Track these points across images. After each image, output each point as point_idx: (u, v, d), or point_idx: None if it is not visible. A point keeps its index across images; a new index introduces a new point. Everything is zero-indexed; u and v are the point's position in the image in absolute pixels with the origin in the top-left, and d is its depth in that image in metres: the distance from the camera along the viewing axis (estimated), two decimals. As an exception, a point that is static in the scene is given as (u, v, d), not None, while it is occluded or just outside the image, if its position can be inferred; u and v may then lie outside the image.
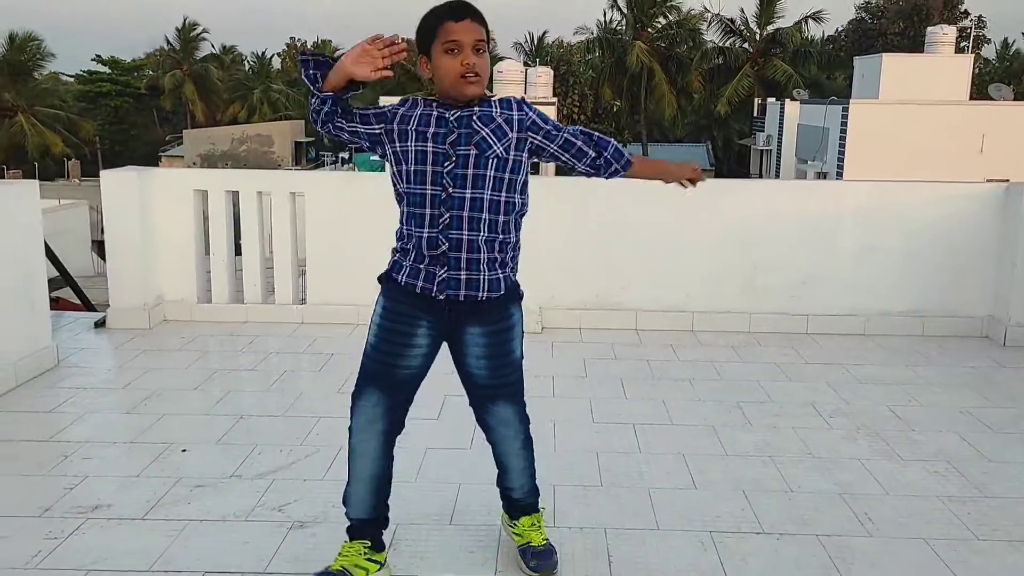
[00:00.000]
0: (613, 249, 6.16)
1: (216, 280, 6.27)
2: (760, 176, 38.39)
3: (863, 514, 3.45)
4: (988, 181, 21.99)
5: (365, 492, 2.85)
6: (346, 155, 37.90)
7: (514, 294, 2.80)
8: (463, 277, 2.66)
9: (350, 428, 2.80)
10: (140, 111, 59.84)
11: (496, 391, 2.84)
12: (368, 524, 2.90)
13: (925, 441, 4.21)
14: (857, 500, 3.58)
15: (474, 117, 2.62)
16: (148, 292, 6.06)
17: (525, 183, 2.75)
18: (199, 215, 6.22)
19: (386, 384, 2.76)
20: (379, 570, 2.89)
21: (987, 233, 6.05)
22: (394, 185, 2.74)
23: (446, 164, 2.60)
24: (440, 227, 2.64)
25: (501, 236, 2.69)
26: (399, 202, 2.74)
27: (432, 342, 2.78)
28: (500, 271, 2.72)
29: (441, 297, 2.68)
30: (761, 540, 3.24)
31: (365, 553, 2.87)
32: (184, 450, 3.98)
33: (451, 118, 2.62)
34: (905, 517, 3.44)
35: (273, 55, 63.98)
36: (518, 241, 2.80)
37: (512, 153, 2.65)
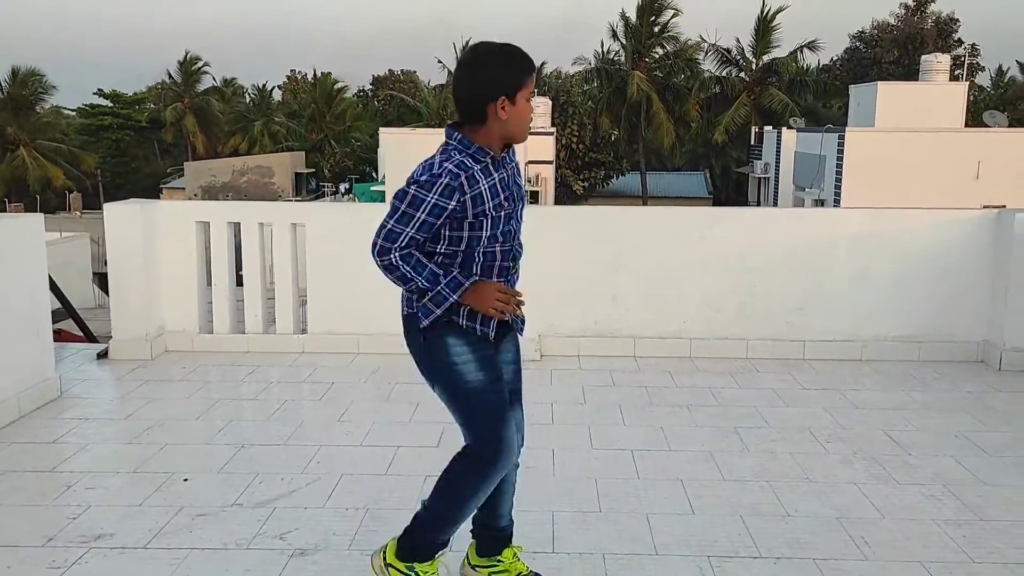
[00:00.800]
0: (612, 277, 6.23)
1: (218, 310, 6.32)
2: (759, 204, 38.61)
3: (859, 538, 3.48)
4: (985, 207, 22.08)
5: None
6: (346, 185, 38.12)
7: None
8: None
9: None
10: (141, 144, 60.25)
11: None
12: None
13: (921, 465, 4.25)
14: (853, 524, 3.61)
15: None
16: (150, 323, 6.11)
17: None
18: (201, 246, 6.29)
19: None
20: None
21: (980, 259, 6.11)
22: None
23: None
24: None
25: None
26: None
27: None
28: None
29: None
30: (758, 564, 3.27)
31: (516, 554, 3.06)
32: (186, 479, 4.02)
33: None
34: (901, 540, 3.47)
35: (274, 87, 64.55)
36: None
37: None
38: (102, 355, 6.06)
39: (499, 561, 3.05)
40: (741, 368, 5.96)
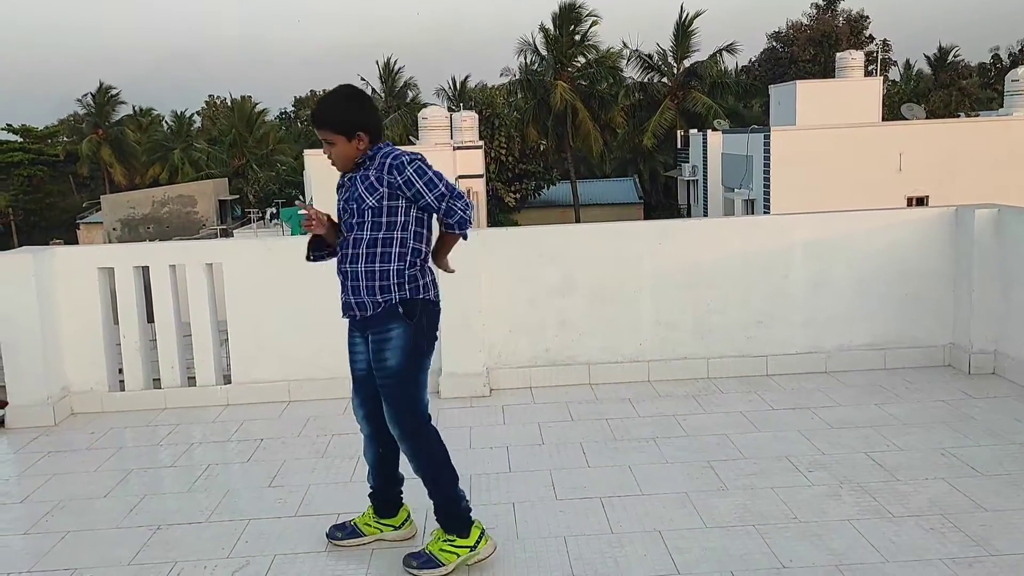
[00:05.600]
0: (561, 301, 5.80)
1: (128, 365, 5.69)
2: (688, 206, 38.84)
3: (866, 589, 3.10)
4: (909, 199, 22.42)
5: (370, 467, 3.62)
6: (273, 210, 37.14)
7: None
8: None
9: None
10: (56, 179, 57.98)
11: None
12: (373, 494, 3.63)
13: (913, 492, 3.90)
14: (855, 572, 3.24)
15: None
16: (52, 384, 5.46)
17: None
18: (106, 295, 5.66)
19: None
20: (390, 531, 3.65)
21: (941, 259, 5.86)
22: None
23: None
24: None
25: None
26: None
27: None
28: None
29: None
30: (761, 634, 2.86)
31: (373, 517, 3.64)
32: (90, 577, 3.44)
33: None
34: (911, 589, 3.10)
35: (193, 114, 62.91)
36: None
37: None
38: (-2, 424, 5.39)
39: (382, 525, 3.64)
40: (704, 390, 5.59)
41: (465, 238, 3.43)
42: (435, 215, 3.34)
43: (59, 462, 4.79)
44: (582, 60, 43.36)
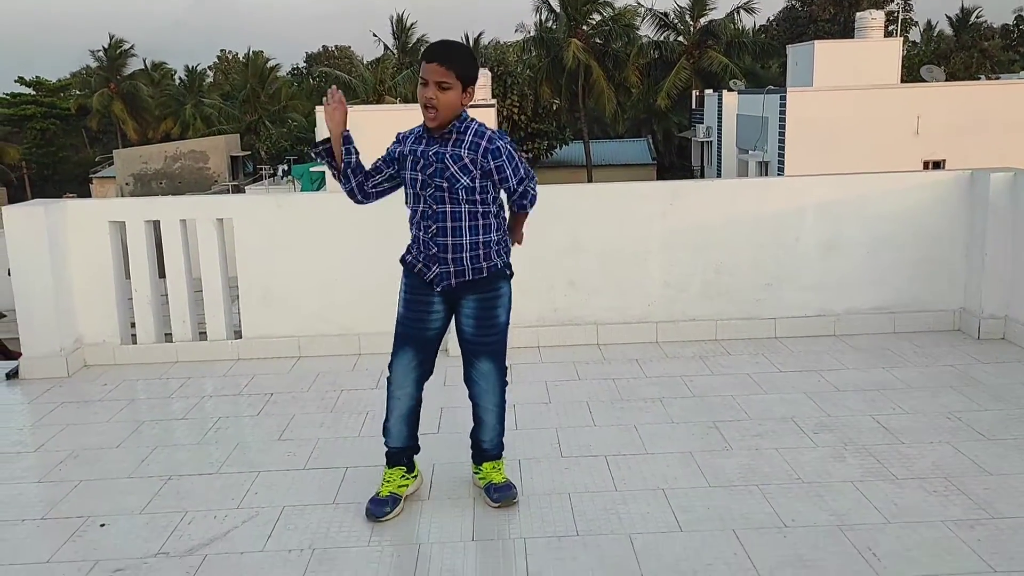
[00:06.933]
0: (570, 261, 5.80)
1: (140, 319, 5.74)
2: (702, 168, 38.55)
3: (867, 549, 3.13)
4: (925, 162, 22.15)
5: (402, 425, 3.53)
6: (284, 167, 37.06)
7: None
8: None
9: (389, 378, 3.49)
10: (68, 133, 57.98)
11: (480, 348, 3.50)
12: (404, 451, 3.57)
13: (917, 455, 3.92)
14: (857, 532, 3.26)
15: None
16: (65, 336, 5.52)
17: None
18: (118, 248, 5.70)
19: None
20: (414, 481, 3.65)
21: (954, 223, 5.81)
22: None
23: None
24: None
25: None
26: None
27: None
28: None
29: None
30: (761, 591, 2.90)
31: (404, 475, 3.58)
32: (103, 524, 3.51)
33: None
34: (911, 549, 3.13)
35: (205, 68, 62.57)
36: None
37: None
38: (12, 375, 5.45)
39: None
40: (711, 351, 5.60)
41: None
42: (509, 194, 3.47)
43: (72, 413, 4.86)
44: (597, 18, 42.82)
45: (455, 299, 3.45)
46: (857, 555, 3.09)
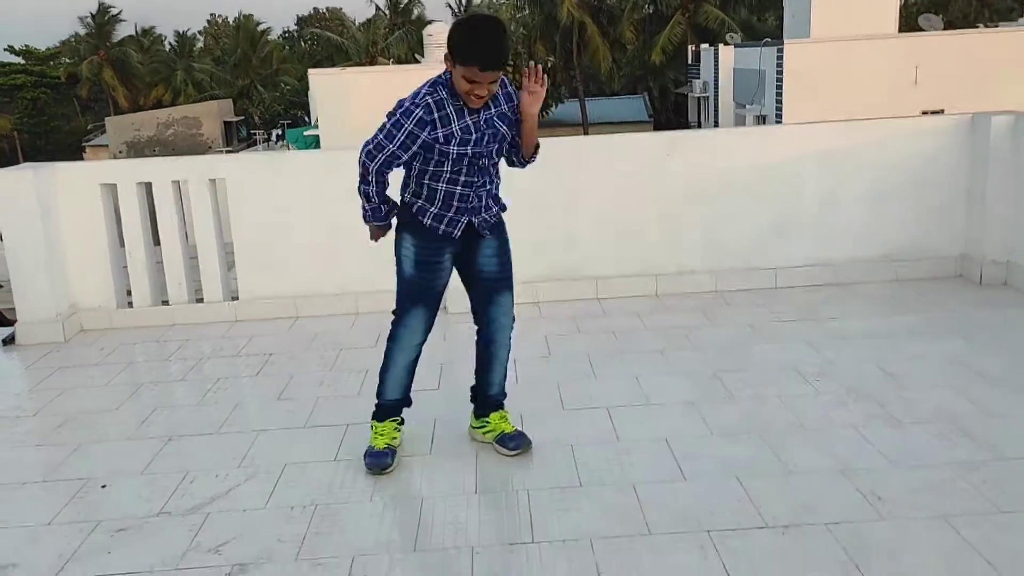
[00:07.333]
0: (568, 215, 5.74)
1: (136, 282, 5.69)
2: (699, 124, 38.24)
3: (870, 493, 3.11)
4: (925, 112, 21.99)
5: (405, 375, 3.55)
6: (279, 132, 36.78)
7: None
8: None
9: (395, 334, 3.49)
10: (59, 101, 57.42)
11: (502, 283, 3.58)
12: (400, 403, 3.60)
13: (921, 400, 3.90)
14: (860, 476, 3.24)
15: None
16: (60, 301, 5.47)
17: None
18: (110, 212, 5.63)
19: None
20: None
21: (955, 169, 5.74)
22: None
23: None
24: None
25: None
26: None
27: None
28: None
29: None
30: (765, 537, 2.89)
31: (396, 427, 3.60)
32: (104, 486, 3.49)
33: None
34: (916, 492, 3.11)
35: (195, 33, 61.82)
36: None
37: None
38: (8, 341, 5.42)
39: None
40: (712, 303, 5.56)
41: None
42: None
43: (70, 377, 4.83)
44: (591, -28, 42.18)
45: (470, 246, 3.45)
46: (861, 499, 3.08)
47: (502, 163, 3.51)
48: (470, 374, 3.73)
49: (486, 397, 3.68)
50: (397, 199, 3.46)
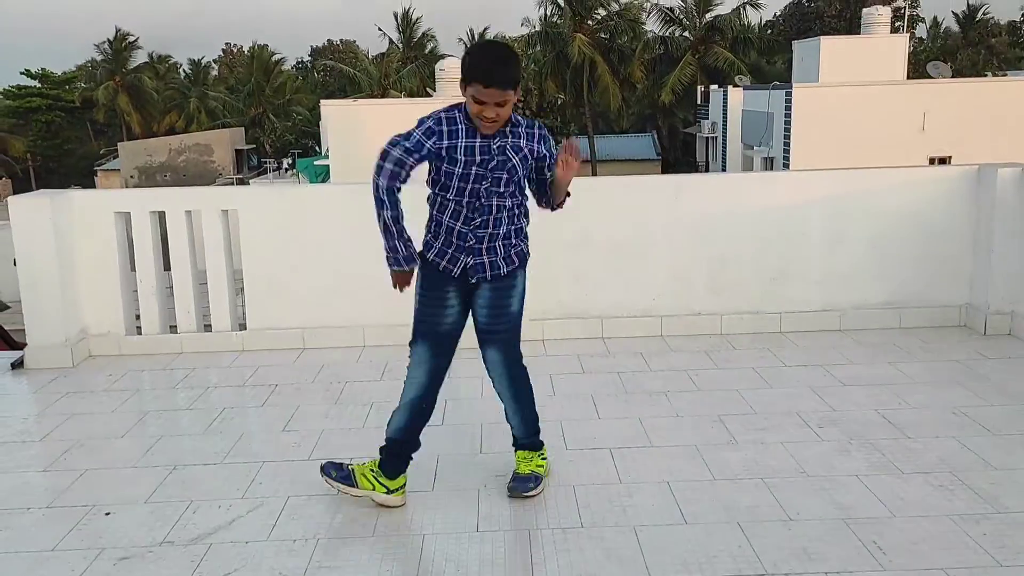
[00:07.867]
0: (575, 254, 5.78)
1: (145, 309, 5.75)
2: (707, 164, 38.48)
3: (871, 543, 3.12)
4: (931, 159, 22.06)
5: (405, 415, 3.46)
6: (289, 161, 37.09)
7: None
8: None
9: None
10: (73, 125, 58.07)
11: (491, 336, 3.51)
12: (402, 445, 3.52)
13: (923, 450, 3.91)
14: (862, 526, 3.25)
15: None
16: (70, 326, 5.52)
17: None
18: (123, 239, 5.70)
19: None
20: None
21: (960, 218, 5.79)
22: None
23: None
24: None
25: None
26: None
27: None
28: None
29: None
30: (766, 584, 2.89)
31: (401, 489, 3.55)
32: (108, 513, 3.51)
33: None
34: (917, 543, 3.12)
35: (209, 61, 62.57)
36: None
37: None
38: (17, 365, 5.46)
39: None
40: (717, 345, 5.59)
41: None
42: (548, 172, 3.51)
43: (77, 403, 4.87)
44: (602, 12, 42.73)
45: (472, 289, 3.43)
46: (862, 547, 3.09)
47: (532, 203, 3.54)
48: (473, 410, 3.77)
49: (513, 436, 3.70)
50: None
